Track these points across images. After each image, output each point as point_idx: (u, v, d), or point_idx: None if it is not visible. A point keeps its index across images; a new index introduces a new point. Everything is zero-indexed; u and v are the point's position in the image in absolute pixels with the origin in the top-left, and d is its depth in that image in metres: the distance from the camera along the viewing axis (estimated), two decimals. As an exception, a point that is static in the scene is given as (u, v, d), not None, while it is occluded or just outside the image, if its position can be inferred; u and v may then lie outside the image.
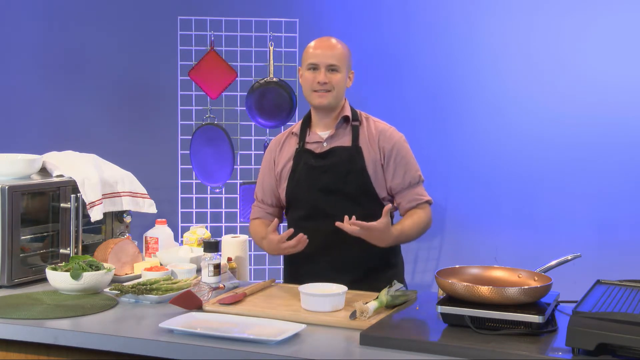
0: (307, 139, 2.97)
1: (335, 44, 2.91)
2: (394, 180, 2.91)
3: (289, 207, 3.00)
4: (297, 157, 2.95)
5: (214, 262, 2.73)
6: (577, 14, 5.08)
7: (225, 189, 4.88)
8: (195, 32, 4.81)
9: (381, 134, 2.93)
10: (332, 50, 2.88)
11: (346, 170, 2.88)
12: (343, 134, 2.94)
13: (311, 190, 2.91)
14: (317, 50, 2.89)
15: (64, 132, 5.47)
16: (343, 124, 2.95)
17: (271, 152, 3.06)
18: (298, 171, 2.94)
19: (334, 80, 2.87)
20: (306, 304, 2.47)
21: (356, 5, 5.39)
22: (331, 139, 2.94)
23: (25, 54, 5.53)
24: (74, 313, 2.46)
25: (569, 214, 5.10)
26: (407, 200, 2.93)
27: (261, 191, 3.06)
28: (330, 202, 2.89)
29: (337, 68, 2.88)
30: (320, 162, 2.91)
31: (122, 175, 3.24)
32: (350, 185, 2.88)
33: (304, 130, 2.99)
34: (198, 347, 2.15)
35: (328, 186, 2.89)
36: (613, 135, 5.03)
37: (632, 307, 2.09)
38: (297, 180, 2.93)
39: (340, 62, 2.88)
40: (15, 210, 2.82)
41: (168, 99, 5.12)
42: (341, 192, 2.89)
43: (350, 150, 2.90)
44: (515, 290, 2.19)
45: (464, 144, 5.26)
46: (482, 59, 5.24)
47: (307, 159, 2.93)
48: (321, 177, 2.90)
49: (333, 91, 2.88)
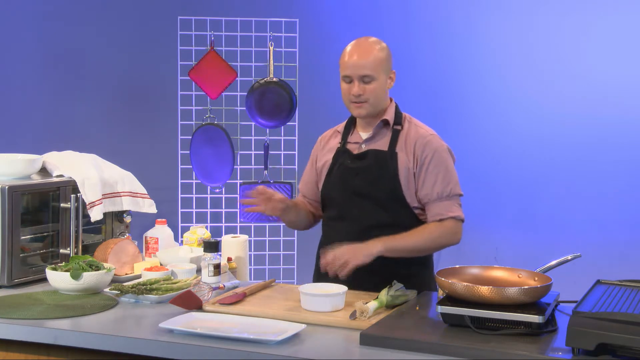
0: (349, 139, 2.93)
1: (369, 51, 2.78)
2: (422, 191, 2.81)
3: (324, 206, 2.98)
4: (337, 156, 2.92)
5: (214, 262, 2.73)
6: (578, 14, 5.08)
7: (225, 189, 4.88)
8: (195, 32, 4.80)
9: (418, 140, 2.84)
10: (365, 59, 2.76)
11: (378, 175, 2.82)
12: (382, 137, 2.87)
13: (343, 192, 2.87)
14: (350, 60, 2.77)
15: (64, 132, 5.46)
16: (383, 127, 2.88)
17: (316, 148, 3.03)
18: (335, 170, 2.91)
19: (368, 91, 2.78)
20: (306, 304, 2.47)
21: (356, 5, 5.39)
22: (370, 140, 2.88)
23: (25, 54, 5.52)
24: (74, 313, 2.46)
25: (569, 214, 5.10)
26: (432, 214, 2.81)
27: (304, 186, 3.05)
28: (359, 205, 2.84)
29: (372, 77, 2.77)
30: (355, 164, 2.86)
31: (122, 175, 3.24)
32: (380, 190, 2.82)
33: (347, 128, 2.95)
34: (198, 347, 2.15)
35: (359, 189, 2.84)
36: (613, 136, 5.03)
37: (632, 307, 2.09)
38: (333, 180, 2.91)
39: (375, 70, 2.77)
40: (15, 210, 2.82)
41: (168, 99, 5.11)
42: (370, 196, 2.83)
43: (386, 155, 2.83)
44: (515, 290, 2.19)
45: (464, 144, 5.25)
46: (482, 59, 5.24)
47: (344, 159, 2.89)
48: (353, 179, 2.85)
49: (369, 101, 2.80)
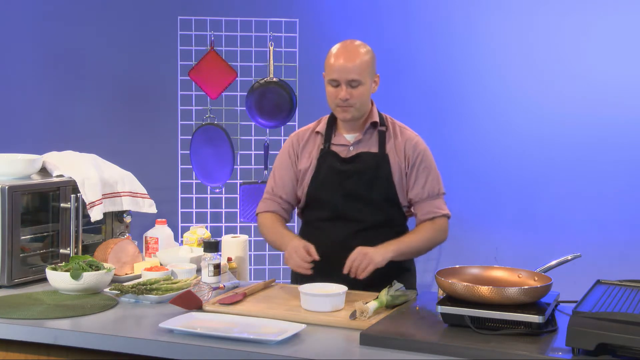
0: (332, 140, 2.91)
1: (356, 55, 2.78)
2: (413, 190, 2.88)
3: (307, 207, 2.95)
4: (322, 158, 2.90)
5: (214, 262, 2.73)
6: (578, 14, 5.07)
7: (225, 189, 4.88)
8: (195, 32, 4.80)
9: (408, 142, 2.89)
10: (352, 63, 2.76)
11: (372, 177, 2.84)
12: (370, 139, 2.89)
13: (334, 194, 2.87)
14: (337, 64, 2.78)
15: (64, 132, 5.46)
16: (370, 129, 2.90)
17: (292, 147, 2.98)
18: (322, 173, 2.89)
19: (355, 96, 2.79)
20: (306, 304, 2.47)
21: (356, 5, 5.39)
22: (358, 143, 2.89)
23: (25, 54, 5.52)
24: (74, 313, 2.46)
25: (569, 214, 5.10)
26: (422, 212, 2.90)
27: (278, 185, 2.97)
28: (353, 207, 2.86)
29: (359, 82, 2.78)
30: (346, 167, 2.86)
31: (122, 175, 3.24)
32: (374, 192, 2.85)
33: (329, 130, 2.93)
34: (198, 347, 2.15)
35: (352, 191, 2.85)
36: (613, 136, 5.02)
37: (632, 307, 2.09)
38: (321, 182, 2.89)
39: (362, 75, 2.78)
40: (15, 210, 2.82)
41: (168, 99, 5.11)
42: (365, 198, 2.85)
43: (377, 157, 2.86)
44: (515, 290, 2.19)
45: (464, 144, 5.26)
46: (482, 59, 5.24)
47: (332, 162, 2.88)
48: (346, 182, 2.86)
49: (355, 105, 2.81)
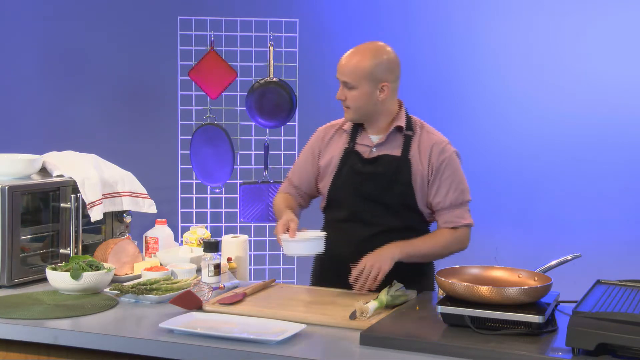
0: (357, 140, 2.89)
1: (355, 57, 2.77)
2: (435, 198, 2.82)
3: (328, 206, 2.95)
4: (345, 157, 2.88)
5: (214, 262, 2.73)
6: (578, 14, 5.08)
7: (225, 189, 4.88)
8: (195, 32, 4.80)
9: (434, 148, 2.84)
10: (346, 66, 2.76)
11: (391, 181, 2.81)
12: (394, 142, 2.85)
13: (353, 195, 2.85)
14: (339, 63, 2.79)
15: (64, 132, 5.46)
16: (395, 132, 2.85)
17: (317, 141, 2.96)
18: (343, 172, 2.87)
19: (349, 98, 2.78)
20: (287, 250, 2.56)
21: (356, 5, 5.39)
22: (381, 145, 2.85)
23: (25, 54, 5.52)
24: (74, 313, 2.46)
25: (569, 214, 5.10)
26: (443, 220, 2.84)
27: (298, 177, 2.98)
28: (370, 209, 2.84)
29: (351, 85, 2.76)
30: (367, 168, 2.84)
31: (122, 175, 3.24)
32: (392, 197, 2.81)
33: (355, 128, 2.90)
34: (198, 347, 2.15)
35: (370, 194, 2.83)
36: (613, 136, 5.03)
37: (632, 307, 2.09)
38: (341, 182, 2.87)
39: (355, 79, 2.75)
40: (15, 210, 2.82)
41: (168, 99, 5.11)
42: (382, 202, 2.82)
43: (399, 161, 2.82)
44: (515, 290, 2.19)
45: (464, 144, 5.19)
46: (482, 59, 5.24)
47: (354, 162, 2.86)
48: (365, 184, 2.83)
49: (351, 107, 2.80)
